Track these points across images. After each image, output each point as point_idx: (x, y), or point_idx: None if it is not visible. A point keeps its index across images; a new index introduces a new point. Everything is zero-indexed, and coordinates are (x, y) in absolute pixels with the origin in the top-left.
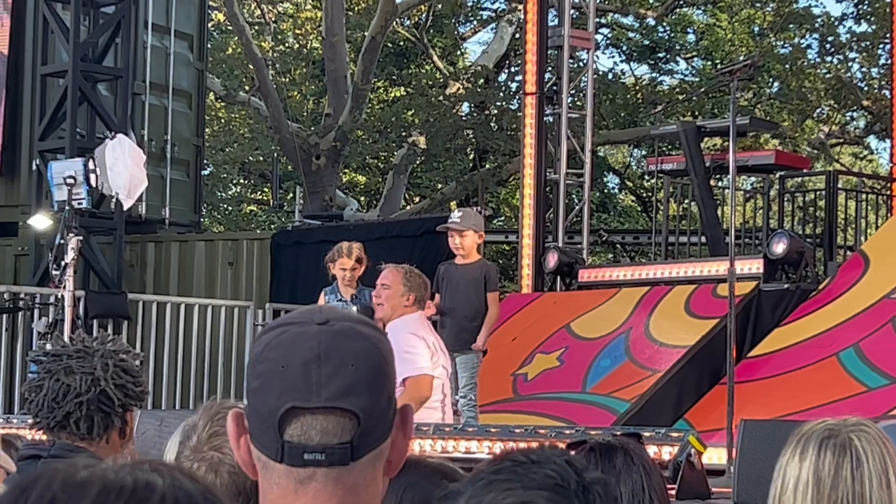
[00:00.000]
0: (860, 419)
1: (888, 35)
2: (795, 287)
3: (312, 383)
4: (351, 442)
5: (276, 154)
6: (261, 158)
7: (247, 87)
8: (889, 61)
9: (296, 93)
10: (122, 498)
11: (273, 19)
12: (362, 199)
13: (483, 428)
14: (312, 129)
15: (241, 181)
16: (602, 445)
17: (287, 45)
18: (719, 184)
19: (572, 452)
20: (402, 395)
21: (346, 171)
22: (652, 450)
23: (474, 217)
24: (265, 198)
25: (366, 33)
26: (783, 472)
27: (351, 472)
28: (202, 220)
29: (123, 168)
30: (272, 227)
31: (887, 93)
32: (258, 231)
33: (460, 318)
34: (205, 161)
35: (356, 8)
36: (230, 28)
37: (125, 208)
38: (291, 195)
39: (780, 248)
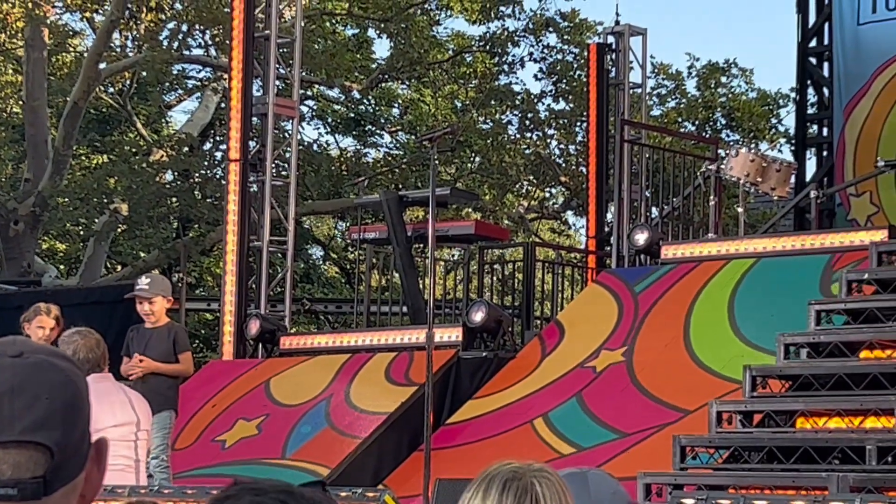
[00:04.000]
0: (544, 465)
1: (585, 113)
2: (493, 355)
3: (5, 417)
4: (44, 476)
5: None
6: None
7: None
8: (585, 139)
9: None
10: None
11: None
12: (62, 266)
13: (180, 490)
14: (11, 194)
15: None
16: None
17: None
18: (422, 254)
19: None
20: None
21: (45, 237)
22: None
23: (161, 283)
24: None
25: (68, 98)
26: None
27: None
28: None
29: None
30: None
31: (584, 169)
32: None
33: (150, 381)
34: None
35: (58, 73)
36: None
37: None
38: None
39: (478, 316)
